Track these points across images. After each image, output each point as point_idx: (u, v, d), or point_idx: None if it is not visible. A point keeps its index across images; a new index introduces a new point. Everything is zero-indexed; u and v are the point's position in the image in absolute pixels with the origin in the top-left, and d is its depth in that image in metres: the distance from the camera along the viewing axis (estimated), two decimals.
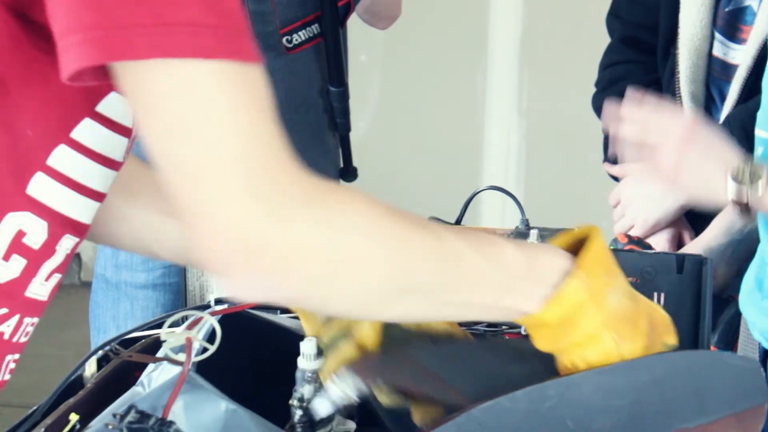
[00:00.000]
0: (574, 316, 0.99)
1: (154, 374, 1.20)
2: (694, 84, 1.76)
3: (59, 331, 4.26)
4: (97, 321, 2.09)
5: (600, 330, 0.99)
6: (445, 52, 4.40)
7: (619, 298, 1.01)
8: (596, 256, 1.00)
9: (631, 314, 1.02)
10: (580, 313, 0.99)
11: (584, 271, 0.99)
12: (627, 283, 1.04)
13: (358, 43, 2.43)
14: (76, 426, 1.12)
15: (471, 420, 0.97)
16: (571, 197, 4.21)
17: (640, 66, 1.89)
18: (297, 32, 2.03)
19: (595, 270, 1.00)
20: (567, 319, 0.99)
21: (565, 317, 0.99)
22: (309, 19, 2.04)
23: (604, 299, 1.00)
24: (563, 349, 1.01)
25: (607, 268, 1.02)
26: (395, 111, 4.51)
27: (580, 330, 0.99)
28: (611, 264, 1.03)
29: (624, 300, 1.02)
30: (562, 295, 0.98)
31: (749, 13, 1.70)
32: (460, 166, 4.39)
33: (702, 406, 1.06)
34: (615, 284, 1.02)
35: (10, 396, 3.84)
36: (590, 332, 0.99)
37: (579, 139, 3.97)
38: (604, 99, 1.92)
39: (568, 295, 0.98)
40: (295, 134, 2.31)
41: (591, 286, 0.99)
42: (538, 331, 1.01)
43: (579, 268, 0.99)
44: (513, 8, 4.31)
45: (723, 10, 1.73)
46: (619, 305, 1.01)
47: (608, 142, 1.91)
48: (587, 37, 2.66)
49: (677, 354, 1.06)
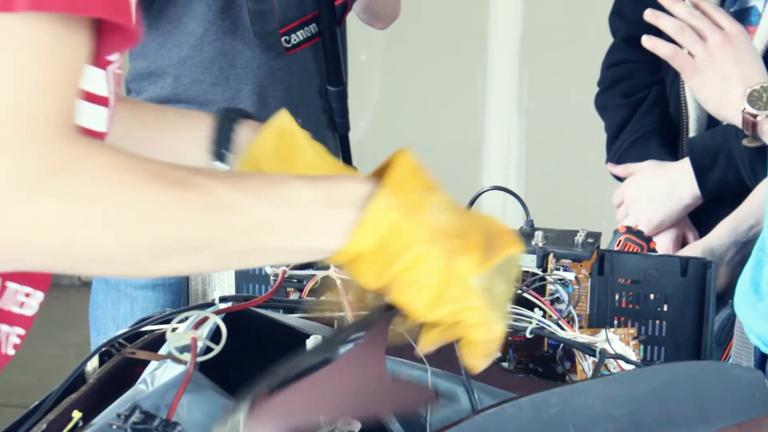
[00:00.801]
0: (391, 239, 0.90)
1: (157, 372, 1.19)
2: None
3: (59, 331, 4.25)
4: (96, 322, 2.09)
5: (425, 247, 0.91)
6: (445, 52, 4.40)
7: (442, 212, 0.93)
8: (405, 171, 0.93)
9: (459, 228, 0.93)
10: (398, 234, 0.90)
11: (392, 188, 0.91)
12: (450, 199, 0.95)
13: (358, 43, 2.43)
14: (79, 423, 1.12)
15: (474, 427, 0.96)
16: (571, 197, 4.21)
17: (643, 66, 1.89)
18: (295, 32, 2.03)
19: (405, 185, 0.92)
20: (384, 244, 0.90)
21: (380, 242, 0.90)
22: (306, 19, 2.04)
23: (423, 214, 0.91)
24: (391, 279, 0.92)
25: (421, 182, 0.94)
26: (395, 111, 4.51)
27: (402, 252, 0.91)
28: (426, 179, 0.95)
29: (448, 214, 0.93)
30: (369, 217, 0.90)
31: (754, 14, 1.70)
32: (460, 166, 4.39)
33: (704, 417, 1.05)
34: (434, 198, 0.94)
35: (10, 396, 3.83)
36: (415, 253, 0.91)
37: (579, 139, 3.97)
38: (607, 98, 1.93)
39: (375, 216, 0.90)
40: None
41: (403, 202, 0.91)
42: (358, 267, 0.92)
43: (384, 186, 0.91)
44: (513, 8, 4.31)
45: (728, 11, 1.72)
46: (443, 219, 0.92)
47: (611, 142, 1.91)
48: (587, 36, 2.66)
49: (680, 364, 1.06)
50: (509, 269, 0.98)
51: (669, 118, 1.84)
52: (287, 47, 2.02)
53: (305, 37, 2.05)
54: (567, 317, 1.29)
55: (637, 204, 1.79)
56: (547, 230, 1.38)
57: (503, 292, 0.97)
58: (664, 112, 1.85)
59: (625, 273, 1.38)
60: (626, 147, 1.86)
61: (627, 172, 1.83)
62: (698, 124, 1.79)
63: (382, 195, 0.91)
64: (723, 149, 1.66)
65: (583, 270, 1.35)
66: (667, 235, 1.79)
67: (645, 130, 1.85)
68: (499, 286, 0.96)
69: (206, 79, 2.01)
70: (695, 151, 1.73)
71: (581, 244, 1.35)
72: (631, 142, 1.85)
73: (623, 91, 1.89)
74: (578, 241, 1.35)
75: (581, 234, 1.36)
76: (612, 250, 1.39)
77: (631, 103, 1.88)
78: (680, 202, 1.77)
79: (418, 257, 0.91)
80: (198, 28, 1.99)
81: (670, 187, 1.77)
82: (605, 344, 1.20)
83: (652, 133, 1.84)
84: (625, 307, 1.38)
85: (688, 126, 1.79)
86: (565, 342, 1.24)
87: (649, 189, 1.79)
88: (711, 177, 1.71)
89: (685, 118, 1.79)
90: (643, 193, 1.79)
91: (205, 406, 1.16)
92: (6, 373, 1.06)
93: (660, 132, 1.84)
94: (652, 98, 1.86)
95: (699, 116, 1.78)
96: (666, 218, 1.78)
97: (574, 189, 4.24)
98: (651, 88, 1.87)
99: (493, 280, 0.95)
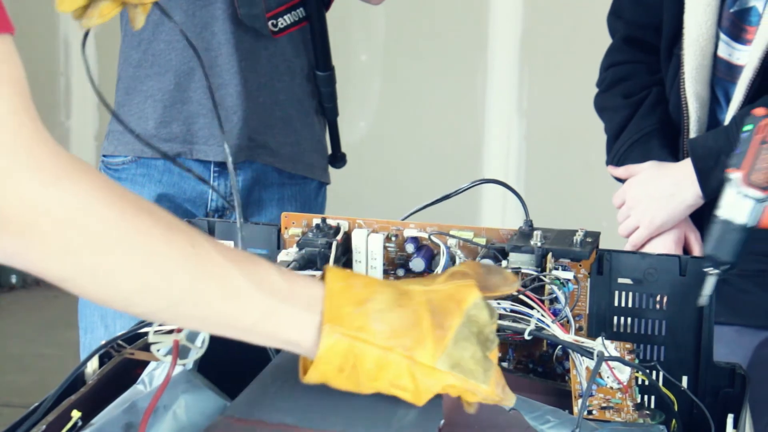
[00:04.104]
0: (349, 363, 0.97)
1: (155, 372, 1.20)
2: (700, 85, 1.75)
3: (59, 331, 4.26)
4: (85, 320, 2.09)
5: (383, 357, 0.98)
6: (445, 52, 4.40)
7: (385, 314, 0.99)
8: (335, 294, 0.98)
9: (406, 320, 0.99)
10: (353, 357, 0.97)
11: (330, 322, 0.96)
12: (389, 290, 1.00)
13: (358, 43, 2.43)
14: (78, 423, 1.12)
15: None
16: (571, 197, 4.21)
17: (642, 66, 1.88)
18: (282, 16, 2.03)
19: (341, 310, 0.97)
20: (344, 369, 0.97)
21: (340, 369, 0.97)
22: (294, 3, 2.03)
23: (368, 327, 0.97)
24: (366, 388, 1.00)
25: (352, 297, 0.99)
26: (395, 111, 4.51)
27: (365, 370, 0.98)
28: (356, 288, 0.99)
29: (393, 311, 0.99)
30: (322, 356, 0.96)
31: (754, 14, 1.70)
32: (460, 166, 4.39)
33: None
34: (372, 306, 0.99)
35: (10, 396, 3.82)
36: (375, 366, 0.98)
37: (579, 139, 3.97)
38: (607, 99, 1.92)
39: (327, 353, 0.96)
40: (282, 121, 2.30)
41: (346, 325, 0.97)
42: (334, 384, 1.00)
43: (325, 323, 0.96)
44: (513, 8, 4.31)
45: (728, 11, 1.72)
46: (388, 321, 0.98)
47: (611, 143, 1.91)
48: (587, 37, 2.66)
49: None
50: (477, 317, 1.02)
51: (669, 119, 1.84)
52: (274, 31, 2.01)
53: (292, 21, 2.04)
54: (562, 320, 1.29)
55: (639, 205, 1.79)
56: (545, 230, 1.37)
57: (475, 350, 1.01)
58: (665, 112, 1.84)
59: (624, 272, 1.37)
60: (627, 148, 1.85)
61: (628, 173, 1.82)
62: (699, 125, 1.78)
63: (325, 333, 0.96)
64: (724, 150, 1.66)
65: (582, 269, 1.35)
66: (669, 236, 1.79)
67: (646, 131, 1.84)
68: (468, 348, 1.01)
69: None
70: (697, 152, 1.72)
71: (580, 244, 1.34)
72: (632, 143, 1.85)
73: (623, 92, 1.89)
74: (577, 241, 1.35)
75: (580, 233, 1.36)
76: (611, 249, 1.38)
77: (632, 103, 1.87)
78: (682, 203, 1.76)
79: (381, 367, 0.98)
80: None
81: (672, 187, 1.76)
82: (602, 347, 1.20)
83: (654, 133, 1.84)
84: (625, 306, 1.37)
85: (689, 126, 1.79)
86: (562, 344, 1.24)
87: (651, 190, 1.79)
88: (713, 178, 1.71)
89: (686, 118, 1.78)
90: (645, 194, 1.78)
91: (203, 407, 1.16)
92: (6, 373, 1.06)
93: (661, 132, 1.84)
94: (652, 99, 1.86)
95: (700, 116, 1.78)
96: (668, 219, 1.77)
97: (574, 189, 4.24)
98: (651, 89, 1.86)
99: (460, 345, 1.00)
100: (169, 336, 1.03)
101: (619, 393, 1.22)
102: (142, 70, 2.04)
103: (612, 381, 1.22)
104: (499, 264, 1.34)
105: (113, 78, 2.10)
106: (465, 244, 1.37)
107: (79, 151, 4.78)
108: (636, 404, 1.22)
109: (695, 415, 1.28)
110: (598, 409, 1.21)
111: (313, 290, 0.98)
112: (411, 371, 0.98)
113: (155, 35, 2.02)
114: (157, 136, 2.02)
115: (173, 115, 2.03)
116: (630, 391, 1.22)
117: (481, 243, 1.37)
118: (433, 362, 0.98)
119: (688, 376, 1.36)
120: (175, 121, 2.03)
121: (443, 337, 0.99)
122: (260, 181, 2.08)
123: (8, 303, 4.83)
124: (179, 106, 2.02)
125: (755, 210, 1.30)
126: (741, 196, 1.29)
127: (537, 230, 1.36)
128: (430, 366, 0.98)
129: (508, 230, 1.38)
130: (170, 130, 2.03)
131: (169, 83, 2.02)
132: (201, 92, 2.01)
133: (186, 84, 2.02)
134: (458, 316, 1.01)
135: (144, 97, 2.04)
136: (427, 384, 0.99)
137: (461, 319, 1.01)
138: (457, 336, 1.00)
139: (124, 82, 2.07)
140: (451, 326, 1.00)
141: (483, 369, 1.01)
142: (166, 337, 1.03)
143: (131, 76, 2.05)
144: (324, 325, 0.96)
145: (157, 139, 2.02)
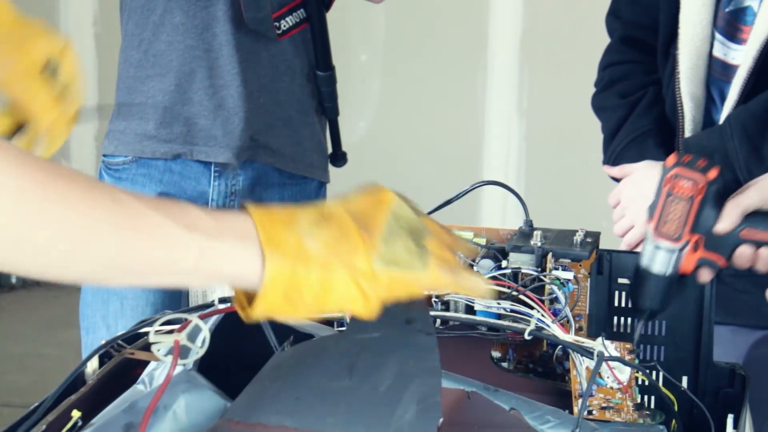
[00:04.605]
0: (295, 287, 0.96)
1: (156, 372, 1.20)
2: (694, 84, 1.75)
3: (59, 331, 4.26)
4: (86, 321, 2.09)
5: (326, 275, 0.96)
6: (445, 52, 4.40)
7: (314, 230, 0.98)
8: (264, 220, 0.97)
9: (335, 229, 0.98)
10: (297, 280, 0.96)
11: (269, 245, 0.95)
12: (309, 209, 1.00)
13: (358, 43, 2.43)
14: (78, 423, 1.12)
15: None
16: (571, 197, 4.21)
17: (640, 66, 1.88)
18: (285, 17, 2.03)
19: (274, 234, 0.96)
20: (290, 296, 0.96)
21: (286, 295, 0.96)
22: (295, 4, 2.04)
23: (303, 246, 0.96)
24: (315, 311, 0.98)
25: (279, 221, 0.98)
26: (395, 111, 4.52)
27: (312, 292, 0.96)
28: (279, 214, 0.98)
29: (319, 226, 0.98)
30: (269, 285, 0.95)
31: (749, 14, 1.70)
32: (460, 165, 4.39)
33: None
34: (299, 226, 0.98)
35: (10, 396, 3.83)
36: (320, 285, 0.96)
37: (579, 139, 3.97)
38: (604, 99, 1.92)
39: (273, 281, 0.95)
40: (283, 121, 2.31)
41: (283, 247, 0.96)
42: (277, 312, 0.98)
43: (265, 247, 0.95)
44: (513, 8, 4.31)
45: (723, 11, 1.72)
46: (321, 234, 0.97)
47: (608, 142, 1.91)
48: (587, 37, 2.66)
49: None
50: (402, 213, 1.02)
51: (666, 119, 1.84)
52: (278, 33, 2.02)
53: (294, 22, 2.05)
54: (562, 320, 1.29)
55: (633, 205, 1.78)
56: (545, 230, 1.38)
57: (407, 242, 1.00)
58: (661, 112, 1.84)
59: (624, 272, 1.38)
60: (623, 147, 1.85)
61: (623, 172, 1.82)
62: (694, 124, 1.78)
63: (267, 257, 0.94)
64: (718, 149, 1.66)
65: (582, 269, 1.35)
66: None
67: (642, 131, 1.84)
68: (399, 242, 1.00)
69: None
70: (690, 151, 1.72)
71: (580, 244, 1.35)
72: (628, 143, 1.85)
73: (620, 92, 1.88)
74: (577, 241, 1.35)
75: (580, 233, 1.36)
76: (611, 249, 1.39)
77: (628, 103, 1.87)
78: None
79: (326, 285, 0.96)
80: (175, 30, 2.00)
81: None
82: (602, 347, 1.20)
83: (649, 133, 1.84)
84: (625, 306, 1.38)
85: (684, 126, 1.79)
86: (562, 344, 1.24)
87: (646, 189, 1.78)
88: None
89: (681, 118, 1.78)
90: (639, 194, 1.78)
91: (204, 407, 1.16)
92: (6, 373, 1.06)
93: (657, 132, 1.84)
94: (648, 99, 1.86)
95: (695, 116, 1.78)
96: None
97: (574, 189, 4.24)
98: (647, 89, 1.86)
99: (390, 241, 0.99)
100: (170, 336, 1.03)
101: (619, 393, 1.22)
102: (142, 71, 2.04)
103: (612, 381, 1.22)
104: (498, 264, 1.34)
105: (113, 78, 2.10)
106: None
107: (79, 151, 4.78)
108: (636, 404, 1.22)
109: (695, 415, 1.28)
110: (598, 409, 1.21)
111: (242, 222, 0.96)
112: (355, 280, 0.97)
113: (156, 36, 2.02)
114: (157, 136, 2.03)
115: (174, 116, 2.03)
116: (630, 391, 1.22)
117: (481, 243, 1.37)
118: (369, 264, 0.98)
119: (688, 376, 1.36)
120: (175, 121, 2.03)
121: (371, 237, 0.98)
122: (261, 181, 2.09)
123: (8, 303, 4.83)
124: (180, 107, 2.02)
125: (671, 260, 1.29)
126: (653, 247, 1.29)
127: (537, 230, 1.36)
128: (369, 270, 0.98)
129: (508, 230, 1.39)
130: (171, 130, 2.03)
131: (170, 84, 2.02)
132: (202, 93, 2.01)
133: (187, 85, 2.02)
134: (382, 215, 1.01)
135: (145, 97, 2.04)
136: (372, 289, 0.98)
137: (386, 218, 1.00)
138: (386, 234, 0.99)
139: (124, 82, 2.07)
140: (376, 225, 1.00)
141: (419, 257, 1.00)
142: (167, 337, 1.03)
143: (132, 76, 2.05)
144: (264, 249, 0.95)
145: (158, 140, 2.02)
